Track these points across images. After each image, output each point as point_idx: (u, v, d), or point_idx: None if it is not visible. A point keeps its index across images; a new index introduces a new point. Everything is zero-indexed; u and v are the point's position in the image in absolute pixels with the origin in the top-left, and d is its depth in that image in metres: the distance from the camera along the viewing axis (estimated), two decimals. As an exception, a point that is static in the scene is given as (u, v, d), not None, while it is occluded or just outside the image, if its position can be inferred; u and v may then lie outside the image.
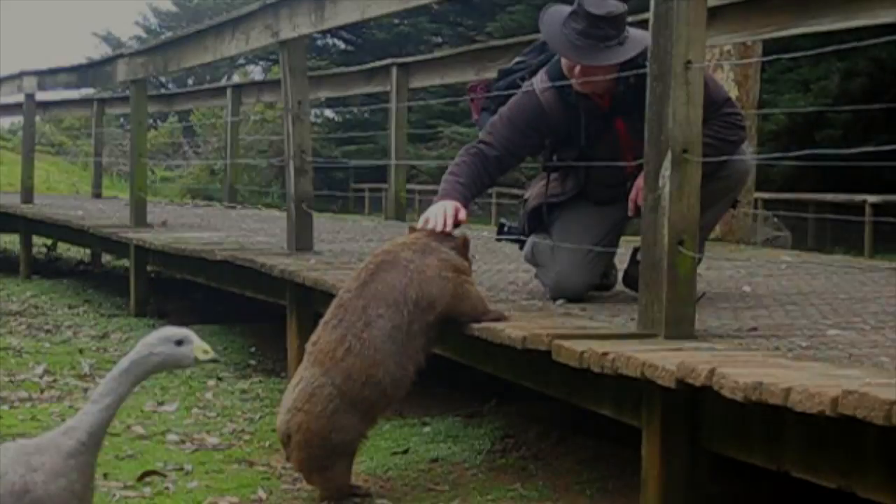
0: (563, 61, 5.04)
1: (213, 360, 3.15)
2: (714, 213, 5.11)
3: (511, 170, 5.44)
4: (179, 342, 3.06)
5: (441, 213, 4.73)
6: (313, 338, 4.50)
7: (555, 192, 5.32)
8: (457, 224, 4.75)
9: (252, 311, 9.26)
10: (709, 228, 5.26)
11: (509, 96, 5.23)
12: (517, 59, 5.48)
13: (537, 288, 5.45)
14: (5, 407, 6.18)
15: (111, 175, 29.13)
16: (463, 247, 4.72)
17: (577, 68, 4.96)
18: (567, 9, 4.97)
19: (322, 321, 4.51)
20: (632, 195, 4.85)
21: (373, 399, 4.43)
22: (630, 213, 4.97)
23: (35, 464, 2.95)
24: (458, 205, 4.79)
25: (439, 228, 4.66)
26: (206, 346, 3.10)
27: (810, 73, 20.24)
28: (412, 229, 4.81)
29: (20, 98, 14.91)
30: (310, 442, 4.37)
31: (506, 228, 5.54)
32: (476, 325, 4.45)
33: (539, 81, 5.12)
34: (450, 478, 4.94)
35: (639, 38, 4.86)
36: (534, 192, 5.44)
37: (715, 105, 4.70)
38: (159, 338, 3.07)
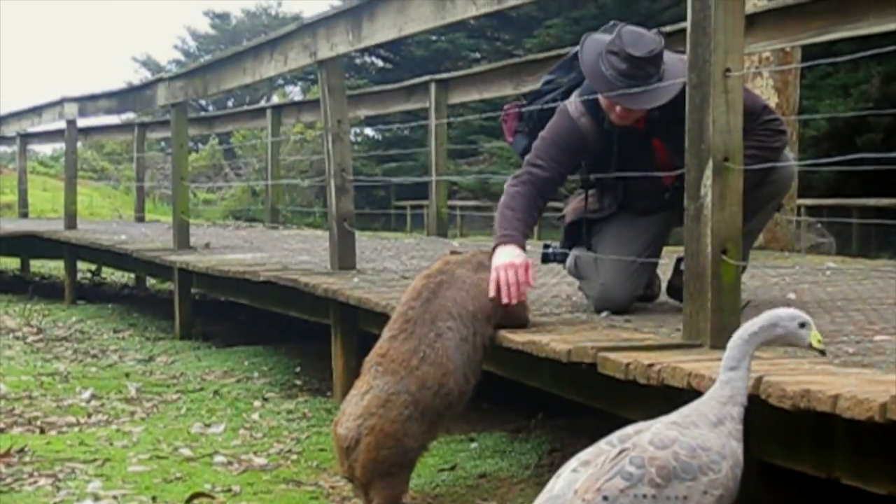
0: (603, 98, 4.98)
1: (822, 352, 3.26)
2: (760, 218, 5.10)
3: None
4: (802, 325, 3.19)
5: (513, 279, 4.60)
6: (379, 350, 4.50)
7: (593, 208, 5.30)
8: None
9: (296, 331, 9.29)
10: (755, 234, 5.24)
11: (541, 118, 5.22)
12: (545, 77, 5.46)
13: (581, 300, 5.44)
14: (53, 432, 6.21)
15: (153, 199, 29.28)
16: None
17: (619, 107, 4.91)
18: (604, 40, 4.92)
19: (387, 336, 4.53)
20: None
21: (441, 409, 4.46)
22: None
23: (725, 431, 3.07)
24: (528, 262, 4.68)
25: (514, 300, 4.60)
26: (821, 337, 3.22)
27: (850, 77, 20.11)
28: (454, 253, 4.86)
29: (62, 124, 14.98)
30: (382, 444, 4.35)
31: (550, 249, 5.51)
32: (520, 339, 4.45)
33: (574, 108, 5.07)
34: (497, 493, 4.93)
35: (674, 69, 4.80)
36: (571, 208, 5.42)
37: (754, 115, 4.67)
38: (788, 315, 3.20)
